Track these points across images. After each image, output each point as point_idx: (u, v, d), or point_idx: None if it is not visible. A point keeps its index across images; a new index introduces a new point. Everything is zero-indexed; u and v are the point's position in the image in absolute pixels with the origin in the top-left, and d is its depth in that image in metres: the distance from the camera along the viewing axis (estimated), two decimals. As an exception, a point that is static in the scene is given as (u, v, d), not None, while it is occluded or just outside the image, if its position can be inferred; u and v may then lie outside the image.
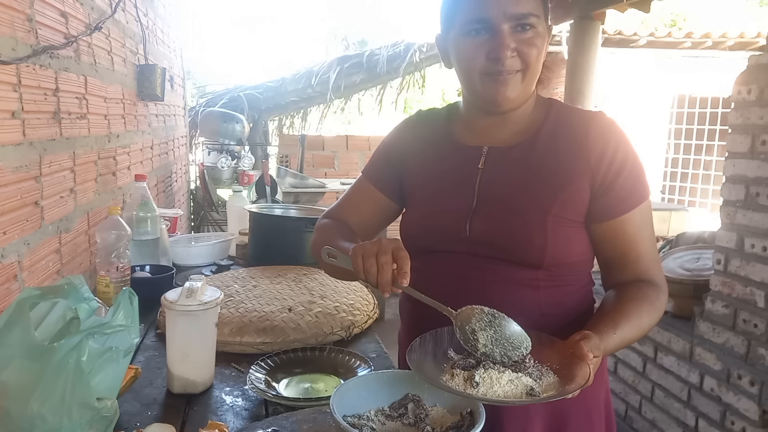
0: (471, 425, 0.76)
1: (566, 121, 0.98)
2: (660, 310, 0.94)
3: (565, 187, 0.94)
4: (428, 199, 1.05)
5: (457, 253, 0.98)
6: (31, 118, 1.28)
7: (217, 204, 4.64)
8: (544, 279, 0.95)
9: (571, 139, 0.96)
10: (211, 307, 1.07)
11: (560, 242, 0.93)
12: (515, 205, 0.95)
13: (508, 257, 0.95)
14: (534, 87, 0.97)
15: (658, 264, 0.99)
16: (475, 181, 0.99)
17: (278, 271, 1.68)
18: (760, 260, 1.96)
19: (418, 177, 1.07)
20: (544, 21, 0.93)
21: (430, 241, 1.02)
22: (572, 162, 0.94)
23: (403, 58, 6.10)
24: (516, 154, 0.98)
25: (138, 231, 1.73)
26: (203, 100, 6.27)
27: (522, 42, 0.91)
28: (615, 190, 0.93)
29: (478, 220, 0.96)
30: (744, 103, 2.06)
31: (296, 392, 1.10)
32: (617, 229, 0.95)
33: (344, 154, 5.99)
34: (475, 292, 0.95)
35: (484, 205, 0.97)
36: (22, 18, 1.24)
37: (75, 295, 0.87)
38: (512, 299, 0.94)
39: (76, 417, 0.75)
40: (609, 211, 0.94)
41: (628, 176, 0.93)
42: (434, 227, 1.01)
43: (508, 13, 0.89)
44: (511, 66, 0.91)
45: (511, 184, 0.96)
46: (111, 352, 0.81)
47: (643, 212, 0.95)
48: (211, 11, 32.21)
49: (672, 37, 5.64)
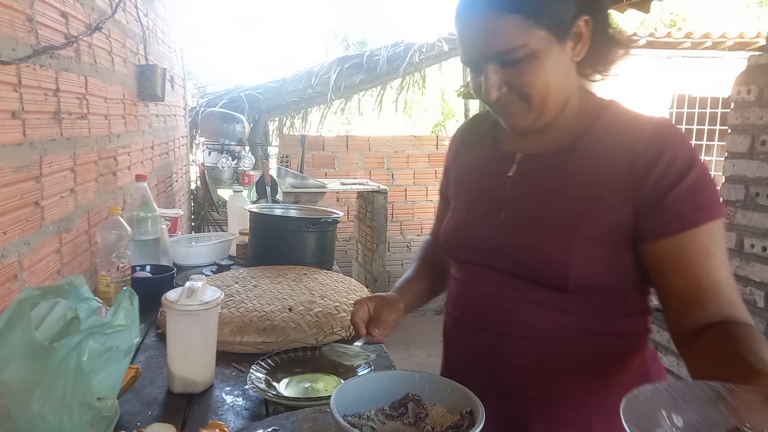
0: (471, 425, 0.76)
1: (618, 127, 0.87)
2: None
3: (600, 202, 0.83)
4: (460, 206, 1.02)
5: (483, 266, 0.93)
6: (32, 118, 1.28)
7: (217, 204, 4.64)
8: (573, 303, 0.86)
9: (618, 147, 0.84)
10: (212, 307, 1.07)
11: (590, 265, 0.83)
12: (540, 219, 0.87)
13: (530, 276, 0.87)
14: (560, 101, 0.88)
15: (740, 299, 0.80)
16: (504, 190, 0.93)
17: (279, 271, 1.68)
18: (760, 260, 1.96)
19: (458, 182, 1.05)
20: (546, 34, 0.81)
21: (459, 251, 0.99)
22: (613, 173, 0.83)
23: (403, 59, 6.09)
24: (550, 162, 0.90)
25: (138, 231, 1.74)
26: (204, 101, 6.26)
27: (511, 75, 0.84)
28: (669, 202, 0.80)
29: (502, 233, 0.90)
30: (743, 103, 2.06)
31: (296, 392, 1.10)
32: (677, 249, 0.80)
33: (344, 155, 5.98)
34: (499, 310, 0.91)
35: (510, 217, 0.91)
36: (22, 18, 1.24)
37: (75, 295, 0.87)
38: (535, 321, 0.88)
39: (76, 417, 0.76)
40: (661, 226, 0.81)
41: (686, 190, 0.80)
42: (460, 237, 0.98)
43: (486, 53, 0.84)
44: (507, 101, 0.86)
45: (539, 196, 0.89)
46: (111, 352, 0.81)
47: (713, 233, 0.80)
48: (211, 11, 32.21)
49: (672, 38, 5.64)
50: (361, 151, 6.02)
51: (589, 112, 0.90)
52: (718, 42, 5.67)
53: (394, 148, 6.08)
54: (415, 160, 6.15)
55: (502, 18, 0.80)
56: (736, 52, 5.73)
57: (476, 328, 0.95)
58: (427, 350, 4.39)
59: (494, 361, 0.93)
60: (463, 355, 1.00)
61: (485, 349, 0.94)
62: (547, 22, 0.81)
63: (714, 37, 5.62)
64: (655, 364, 0.96)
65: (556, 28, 0.82)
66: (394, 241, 6.11)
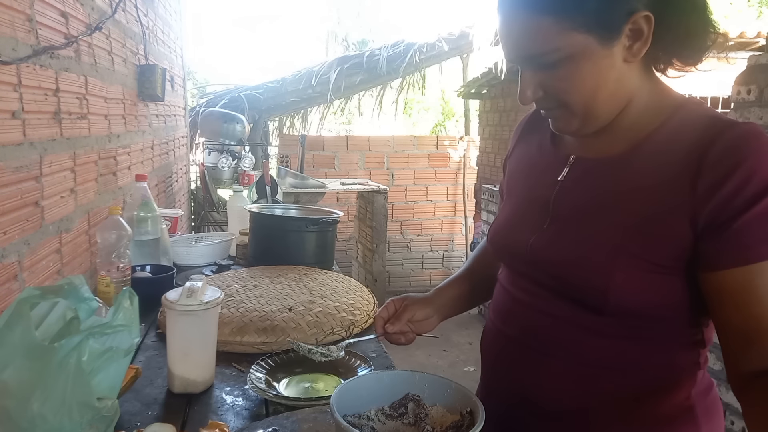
0: (471, 425, 0.76)
1: (689, 131, 0.74)
2: None
3: (654, 219, 0.73)
4: (509, 206, 0.95)
5: (524, 275, 0.87)
6: (32, 118, 1.28)
7: (217, 204, 4.64)
8: (612, 327, 0.77)
9: (686, 155, 0.72)
10: (212, 307, 1.07)
11: (634, 289, 0.74)
12: (584, 232, 0.78)
13: (567, 294, 0.80)
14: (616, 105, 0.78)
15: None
16: (551, 196, 0.85)
17: (279, 271, 1.68)
18: (760, 260, 1.96)
19: (511, 179, 0.99)
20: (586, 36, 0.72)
21: (500, 255, 0.95)
22: (671, 186, 0.73)
23: (403, 59, 6.10)
24: (605, 168, 0.80)
25: (138, 231, 1.74)
26: (204, 101, 6.27)
27: (549, 79, 0.77)
28: (736, 230, 0.69)
29: (542, 242, 0.83)
30: (743, 104, 2.06)
31: (296, 392, 1.10)
32: (742, 283, 0.69)
33: (344, 155, 5.99)
34: (532, 324, 0.85)
35: (554, 226, 0.83)
36: (22, 18, 1.24)
37: (75, 295, 0.87)
38: (570, 342, 0.81)
39: (76, 417, 0.76)
40: (725, 256, 0.70)
41: (761, 214, 0.68)
42: (503, 240, 0.92)
43: (520, 56, 0.77)
44: (544, 105, 0.81)
45: (588, 206, 0.80)
46: (111, 352, 0.81)
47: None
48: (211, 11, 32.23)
49: (672, 38, 5.64)
50: (361, 151, 6.02)
51: (659, 111, 0.79)
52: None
53: (394, 148, 6.08)
54: (415, 160, 6.15)
55: (535, 19, 0.73)
56: (736, 51, 5.72)
57: (512, 339, 0.89)
58: (427, 350, 4.39)
59: (526, 377, 0.87)
60: (496, 365, 0.95)
61: (519, 363, 0.88)
62: (588, 24, 0.72)
63: (714, 37, 5.62)
64: (704, 400, 0.85)
65: (601, 30, 0.72)
66: (394, 241, 6.11)
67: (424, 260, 6.27)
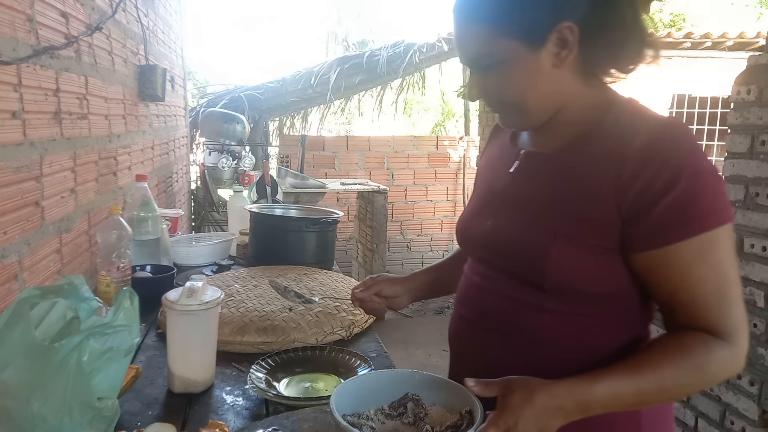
0: (470, 424, 0.76)
1: (619, 127, 0.83)
2: (713, 370, 0.77)
3: (587, 205, 0.81)
4: (472, 201, 1.06)
5: (482, 259, 0.96)
6: (32, 118, 1.28)
7: (217, 204, 4.64)
8: (553, 304, 0.84)
9: (611, 148, 0.81)
10: (212, 307, 1.07)
11: (568, 267, 0.81)
12: (526, 216, 0.87)
13: (513, 273, 0.88)
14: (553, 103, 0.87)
15: (728, 309, 0.78)
16: (503, 185, 0.95)
17: (279, 271, 1.68)
18: (760, 260, 1.96)
19: (477, 176, 1.11)
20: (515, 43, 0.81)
21: (463, 244, 1.03)
22: (600, 176, 0.81)
23: (403, 59, 6.10)
24: (547, 160, 0.89)
25: (139, 231, 1.74)
26: (204, 101, 6.27)
27: (488, 80, 0.87)
28: (654, 215, 0.76)
29: (494, 227, 0.92)
30: (743, 104, 2.06)
31: (297, 391, 1.10)
32: (659, 263, 0.78)
33: (344, 155, 5.99)
34: (485, 304, 0.93)
35: (504, 213, 0.92)
36: (22, 18, 1.25)
37: (75, 295, 0.87)
38: (516, 319, 0.88)
39: (76, 416, 0.76)
40: (644, 240, 0.78)
41: (678, 199, 0.75)
42: (464, 227, 1.01)
43: (464, 59, 0.88)
44: (487, 102, 0.90)
45: (531, 195, 0.89)
46: (112, 352, 0.82)
47: (702, 246, 0.76)
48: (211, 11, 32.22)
49: (672, 38, 5.64)
50: (361, 151, 6.02)
51: (595, 110, 0.86)
52: (718, 42, 5.67)
53: (394, 148, 6.08)
54: (415, 160, 6.15)
55: (474, 26, 0.84)
56: (736, 52, 5.72)
57: (469, 321, 0.97)
58: (427, 350, 4.39)
59: (483, 355, 0.94)
60: (459, 346, 1.02)
61: (476, 342, 0.95)
62: (517, 32, 0.81)
63: (714, 37, 5.62)
64: None
65: (528, 38, 0.81)
66: (394, 241, 6.11)
67: (424, 260, 6.27)
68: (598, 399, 0.76)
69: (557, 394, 0.75)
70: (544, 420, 0.74)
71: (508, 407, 0.73)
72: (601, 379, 0.76)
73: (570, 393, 0.75)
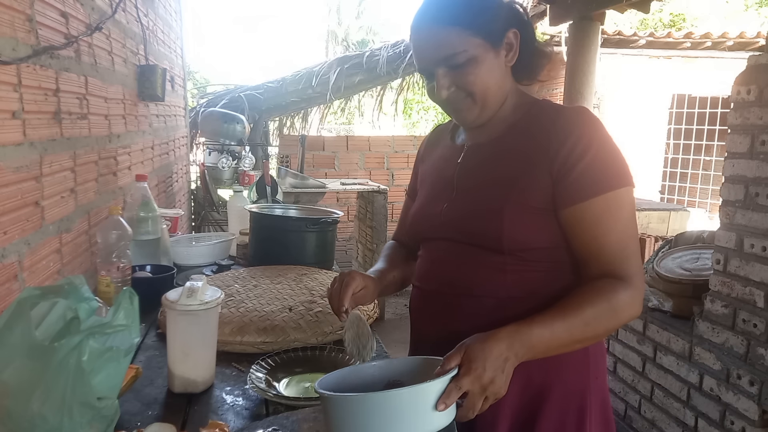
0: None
1: (543, 116, 1.03)
2: (621, 307, 0.94)
3: (524, 175, 0.99)
4: (422, 193, 1.19)
5: (438, 239, 1.09)
6: (32, 118, 1.28)
7: (217, 204, 4.63)
8: (511, 263, 0.99)
9: (539, 131, 1.01)
10: (212, 307, 1.07)
11: (520, 228, 0.97)
12: (479, 193, 1.04)
13: (472, 241, 1.02)
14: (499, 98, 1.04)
15: (628, 259, 0.96)
16: (453, 174, 1.10)
17: (279, 271, 1.68)
18: (760, 260, 1.96)
19: (422, 178, 1.23)
20: (482, 42, 0.98)
21: (419, 229, 1.15)
22: (534, 151, 0.99)
23: (403, 59, 6.09)
24: (488, 149, 1.07)
25: (139, 231, 1.74)
26: (204, 101, 6.27)
27: (457, 77, 1.00)
28: (573, 177, 0.95)
29: (451, 208, 1.07)
30: (743, 104, 2.06)
31: (297, 391, 1.10)
32: (577, 217, 0.96)
33: (344, 155, 5.99)
34: (449, 274, 1.06)
35: (458, 195, 1.07)
36: (22, 18, 1.25)
37: (75, 295, 0.87)
38: (481, 281, 1.02)
39: (76, 416, 0.76)
40: (566, 197, 0.96)
41: (590, 164, 0.95)
42: (420, 216, 1.14)
43: (434, 59, 1.00)
44: (455, 98, 1.02)
45: (479, 176, 1.06)
46: (112, 352, 0.82)
47: (609, 203, 0.95)
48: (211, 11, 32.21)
49: (671, 38, 5.64)
50: (361, 151, 6.02)
51: (523, 107, 1.07)
52: (718, 42, 5.67)
53: (394, 148, 6.08)
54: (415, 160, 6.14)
55: (446, 29, 0.98)
56: (736, 52, 5.72)
57: (434, 292, 1.09)
58: (427, 350, 4.38)
59: (450, 320, 1.05)
60: (424, 318, 1.12)
61: (442, 310, 1.07)
62: (482, 32, 0.98)
63: (714, 37, 5.62)
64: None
65: (490, 38, 0.99)
66: (394, 241, 6.10)
67: (424, 260, 6.26)
68: (538, 337, 0.89)
69: (502, 337, 0.87)
70: (501, 363, 0.84)
71: (472, 359, 0.83)
72: (536, 322, 0.90)
73: (514, 335, 0.88)
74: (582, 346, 0.99)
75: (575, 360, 1.02)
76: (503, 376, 0.84)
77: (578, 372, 1.04)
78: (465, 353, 0.84)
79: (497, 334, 0.87)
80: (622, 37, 5.53)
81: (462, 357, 0.83)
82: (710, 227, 2.74)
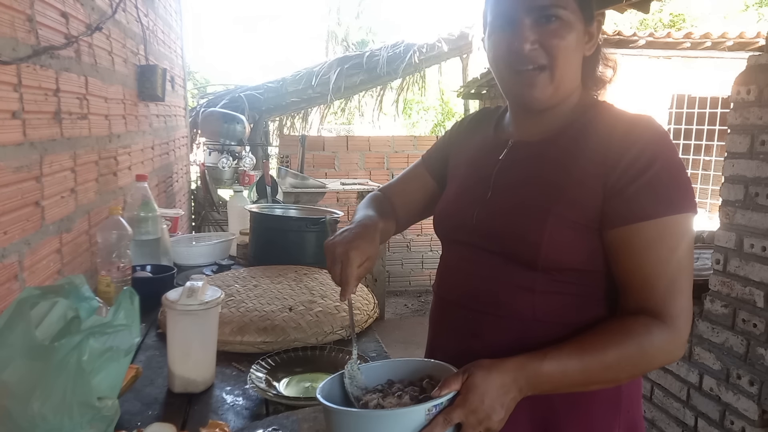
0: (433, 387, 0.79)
1: (602, 121, 0.92)
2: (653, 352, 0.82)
3: (574, 187, 0.88)
4: (453, 186, 1.08)
5: (466, 244, 0.98)
6: (32, 118, 1.28)
7: (218, 204, 4.63)
8: (541, 283, 0.89)
9: (597, 138, 0.90)
10: (212, 307, 1.07)
11: (559, 244, 0.86)
12: (520, 199, 0.92)
13: (504, 252, 0.91)
14: (571, 86, 0.94)
15: (673, 297, 0.83)
16: (493, 173, 0.98)
17: (279, 271, 1.68)
18: (760, 260, 1.96)
19: (455, 165, 1.12)
20: (578, 11, 0.89)
21: (445, 227, 1.05)
22: (589, 161, 0.88)
23: (403, 59, 6.10)
24: (536, 149, 0.95)
25: (139, 231, 1.74)
26: (204, 101, 6.27)
27: (545, 34, 0.88)
28: (628, 194, 0.84)
29: (485, 211, 0.96)
30: (743, 104, 2.06)
31: (297, 391, 1.10)
32: (624, 240, 0.84)
33: (344, 155, 5.99)
34: (472, 285, 0.96)
35: (495, 197, 0.96)
36: (22, 18, 1.25)
37: (76, 295, 0.87)
38: (506, 299, 0.91)
39: (76, 416, 0.76)
40: (616, 216, 0.85)
41: (649, 182, 0.83)
42: (449, 214, 1.04)
43: (527, 5, 0.88)
44: (534, 58, 0.89)
45: (522, 178, 0.94)
46: (112, 352, 0.82)
47: (664, 228, 0.83)
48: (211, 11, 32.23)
49: (671, 38, 5.64)
50: (361, 152, 6.02)
51: (582, 107, 0.96)
52: (718, 42, 5.67)
53: (394, 149, 6.08)
54: (415, 160, 6.14)
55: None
56: (736, 52, 5.72)
57: (454, 304, 0.99)
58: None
59: (468, 336, 0.96)
60: (442, 331, 1.04)
61: (462, 326, 0.97)
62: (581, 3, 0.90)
63: (714, 37, 5.62)
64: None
65: (585, 11, 0.91)
66: (394, 241, 6.11)
67: (424, 260, 6.27)
68: (547, 374, 0.80)
69: (509, 369, 0.79)
70: (502, 397, 0.77)
71: (470, 389, 0.76)
72: (549, 356, 0.81)
73: (521, 368, 0.79)
74: (600, 387, 0.88)
75: (604, 394, 0.90)
76: (502, 411, 0.76)
77: (606, 409, 0.92)
78: (466, 380, 0.77)
79: (504, 365, 0.79)
80: (621, 37, 5.52)
81: (462, 384, 0.77)
82: (710, 227, 2.74)
